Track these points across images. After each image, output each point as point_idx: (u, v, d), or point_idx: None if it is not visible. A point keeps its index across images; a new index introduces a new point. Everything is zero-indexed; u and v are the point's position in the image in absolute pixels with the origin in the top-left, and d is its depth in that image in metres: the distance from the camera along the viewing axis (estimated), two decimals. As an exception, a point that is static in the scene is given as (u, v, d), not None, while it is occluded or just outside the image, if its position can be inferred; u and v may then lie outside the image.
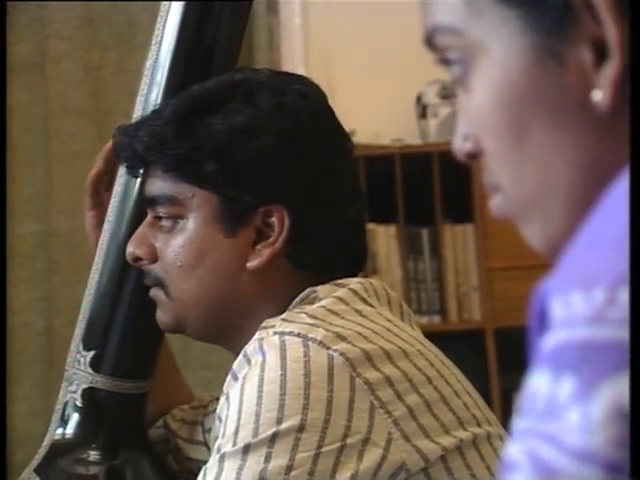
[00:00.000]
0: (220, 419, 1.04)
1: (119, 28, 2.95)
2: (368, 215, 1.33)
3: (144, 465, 1.30)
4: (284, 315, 1.07)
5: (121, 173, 1.27)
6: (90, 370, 1.27)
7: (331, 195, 1.16)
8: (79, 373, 1.27)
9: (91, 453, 1.28)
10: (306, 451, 0.96)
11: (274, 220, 1.13)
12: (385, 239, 2.86)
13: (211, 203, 1.14)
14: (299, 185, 1.14)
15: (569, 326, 0.48)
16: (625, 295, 0.46)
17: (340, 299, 1.08)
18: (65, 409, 1.29)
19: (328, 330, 1.02)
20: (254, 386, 0.99)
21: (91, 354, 1.27)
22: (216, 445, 1.02)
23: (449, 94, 2.86)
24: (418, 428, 1.00)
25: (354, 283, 1.11)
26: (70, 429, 1.29)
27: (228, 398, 1.02)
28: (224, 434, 1.00)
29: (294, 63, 3.06)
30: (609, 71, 0.54)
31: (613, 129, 0.55)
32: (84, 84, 2.94)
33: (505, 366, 2.74)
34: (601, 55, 0.55)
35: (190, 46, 1.25)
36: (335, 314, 1.06)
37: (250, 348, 1.03)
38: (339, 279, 1.12)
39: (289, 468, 0.96)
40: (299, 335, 1.01)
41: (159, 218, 1.17)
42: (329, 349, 1.00)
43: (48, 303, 2.86)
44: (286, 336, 1.01)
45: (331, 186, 1.16)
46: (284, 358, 0.99)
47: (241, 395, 1.00)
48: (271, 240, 1.13)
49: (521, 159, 0.59)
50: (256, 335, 1.05)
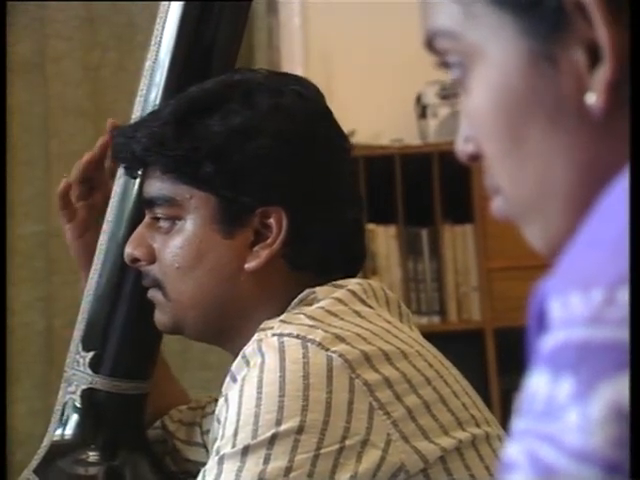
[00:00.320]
0: (219, 421, 1.03)
1: (119, 28, 2.95)
2: (368, 215, 1.33)
3: (143, 466, 1.30)
4: (283, 316, 1.07)
5: (120, 174, 1.27)
6: (89, 371, 1.27)
7: (329, 196, 1.15)
8: (78, 374, 1.27)
9: (90, 454, 1.28)
10: (305, 452, 0.96)
11: (272, 221, 1.13)
12: (385, 239, 2.86)
13: (209, 204, 1.14)
14: (297, 186, 1.13)
15: (568, 326, 0.48)
16: (624, 295, 0.47)
17: (339, 300, 1.08)
18: (64, 410, 1.29)
19: (327, 331, 1.02)
20: (253, 388, 0.99)
21: (90, 355, 1.27)
22: (215, 447, 1.01)
23: (449, 94, 2.86)
24: (417, 429, 1.00)
25: (353, 284, 1.11)
26: (69, 430, 1.28)
27: (227, 400, 1.02)
28: (223, 436, 1.00)
29: (293, 63, 3.06)
30: (602, 74, 0.54)
31: (611, 129, 0.55)
32: (84, 84, 2.94)
33: (504, 366, 2.74)
34: (595, 58, 0.55)
35: (189, 46, 1.25)
36: (334, 315, 1.06)
37: (249, 349, 1.03)
38: (337, 280, 1.12)
39: (288, 470, 0.96)
40: (298, 336, 1.01)
41: (157, 219, 1.17)
42: (328, 350, 1.00)
43: (48, 303, 2.86)
44: (285, 337, 1.01)
45: (329, 187, 1.16)
46: (283, 360, 0.99)
47: (240, 397, 0.99)
48: (269, 241, 1.13)
49: (519, 161, 0.59)
50: (255, 336, 1.05)
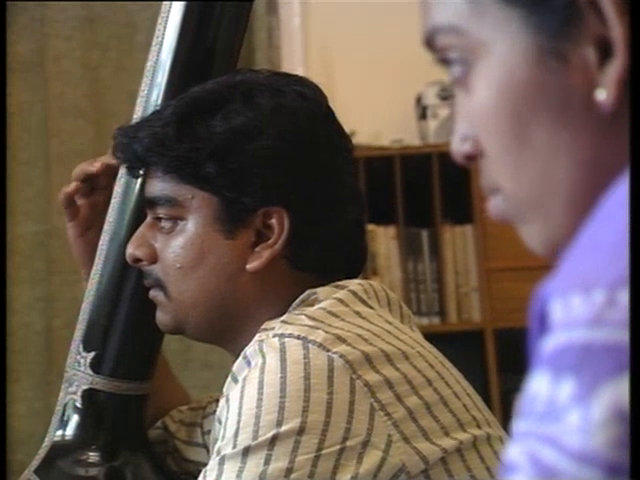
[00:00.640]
0: (220, 421, 1.03)
1: (119, 28, 2.95)
2: (368, 216, 1.32)
3: (144, 467, 1.30)
4: (284, 317, 1.07)
5: (121, 174, 1.27)
6: (90, 371, 1.27)
7: (331, 196, 1.15)
8: (79, 374, 1.27)
9: (91, 454, 1.27)
10: (306, 454, 0.96)
11: (274, 222, 1.13)
12: (385, 240, 2.86)
13: (211, 204, 1.14)
14: (298, 186, 1.13)
15: (569, 328, 0.48)
16: (625, 297, 0.47)
17: (340, 301, 1.08)
18: (65, 410, 1.29)
19: (328, 332, 1.02)
20: (254, 388, 0.99)
21: (91, 355, 1.27)
22: (216, 447, 1.01)
23: (449, 95, 2.86)
24: (418, 430, 1.00)
25: (354, 285, 1.11)
26: (70, 430, 1.28)
27: (228, 400, 1.02)
28: (224, 436, 1.00)
29: (294, 63, 3.06)
30: (613, 70, 0.54)
31: (615, 128, 0.55)
32: (83, 84, 2.94)
33: (505, 367, 2.74)
34: (604, 54, 0.55)
35: (191, 47, 1.25)
36: (335, 316, 1.05)
37: (250, 350, 1.03)
38: (339, 280, 1.12)
39: (289, 471, 0.96)
40: (299, 337, 1.01)
41: (159, 219, 1.17)
42: (329, 351, 1.00)
43: (48, 303, 2.86)
44: (286, 338, 1.01)
45: (331, 187, 1.16)
46: (284, 360, 0.99)
47: (241, 397, 0.99)
48: (271, 242, 1.13)
49: (522, 159, 0.59)
50: (256, 337, 1.05)
